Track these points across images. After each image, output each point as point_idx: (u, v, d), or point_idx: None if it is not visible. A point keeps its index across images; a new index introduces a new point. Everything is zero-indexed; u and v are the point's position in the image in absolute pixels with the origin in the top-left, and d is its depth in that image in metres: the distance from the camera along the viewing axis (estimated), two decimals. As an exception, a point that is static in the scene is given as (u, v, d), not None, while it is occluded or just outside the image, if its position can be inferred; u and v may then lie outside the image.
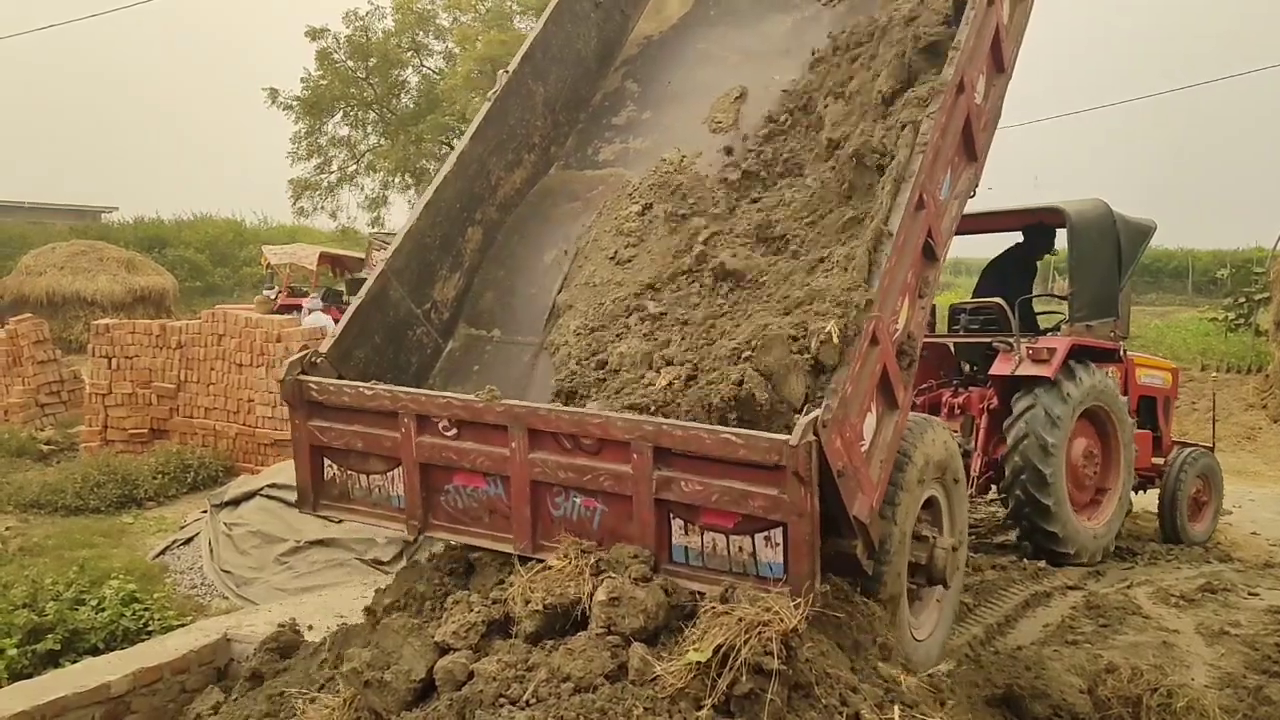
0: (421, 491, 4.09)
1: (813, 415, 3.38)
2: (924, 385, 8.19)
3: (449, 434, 4.03)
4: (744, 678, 2.97)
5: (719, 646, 3.00)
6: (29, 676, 5.00)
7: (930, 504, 4.82)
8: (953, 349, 8.59)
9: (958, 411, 8.04)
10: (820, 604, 3.33)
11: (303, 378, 4.28)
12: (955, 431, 7.47)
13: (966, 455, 7.39)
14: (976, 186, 5.04)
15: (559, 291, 5.15)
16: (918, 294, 4.40)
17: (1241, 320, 20.06)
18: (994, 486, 7.82)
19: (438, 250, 5.11)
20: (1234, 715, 4.66)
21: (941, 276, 4.89)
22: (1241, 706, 4.79)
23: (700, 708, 2.97)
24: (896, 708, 3.24)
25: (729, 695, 2.97)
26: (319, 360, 4.39)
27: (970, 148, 4.93)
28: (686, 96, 5.82)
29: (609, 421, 3.72)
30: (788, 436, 3.33)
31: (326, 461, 4.35)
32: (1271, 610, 6.39)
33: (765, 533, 3.45)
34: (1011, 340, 7.54)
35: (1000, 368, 7.52)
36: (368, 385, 4.24)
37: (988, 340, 7.91)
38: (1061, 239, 8.58)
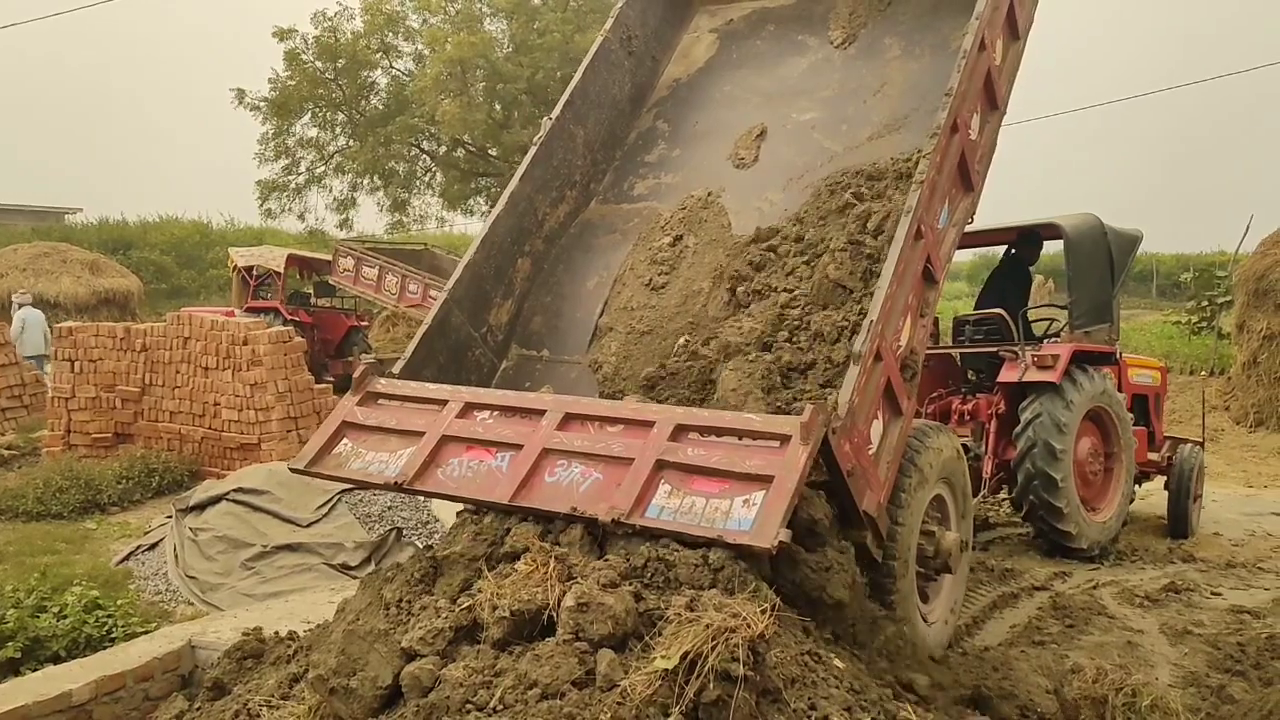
0: (426, 459, 4.28)
1: (820, 403, 3.76)
2: (934, 394, 8.55)
3: (487, 422, 4.37)
4: (711, 685, 2.95)
5: (686, 653, 2.99)
6: (-12, 686, 4.91)
7: (939, 502, 5.25)
8: (958, 359, 8.87)
9: (967, 418, 8.33)
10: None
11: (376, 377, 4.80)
12: (966, 437, 8.02)
13: (977, 459, 7.87)
14: (974, 213, 5.42)
15: (600, 315, 5.75)
16: (919, 314, 4.78)
17: (1204, 324, 20.35)
18: (1005, 488, 8.13)
19: (492, 280, 5.71)
20: (1197, 714, 4.72)
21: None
22: (1205, 705, 4.86)
23: (668, 715, 2.95)
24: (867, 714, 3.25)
25: (697, 702, 2.97)
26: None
27: (967, 179, 5.32)
28: (712, 135, 6.37)
29: (642, 408, 4.16)
30: (800, 416, 3.67)
31: (346, 439, 4.61)
32: (1234, 610, 6.48)
33: (746, 496, 3.60)
34: (1017, 349, 7.92)
35: (1008, 375, 7.89)
36: (433, 385, 4.74)
37: (993, 350, 8.28)
38: (1050, 248, 9.25)
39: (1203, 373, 18.08)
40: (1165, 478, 9.05)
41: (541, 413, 4.24)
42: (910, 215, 4.52)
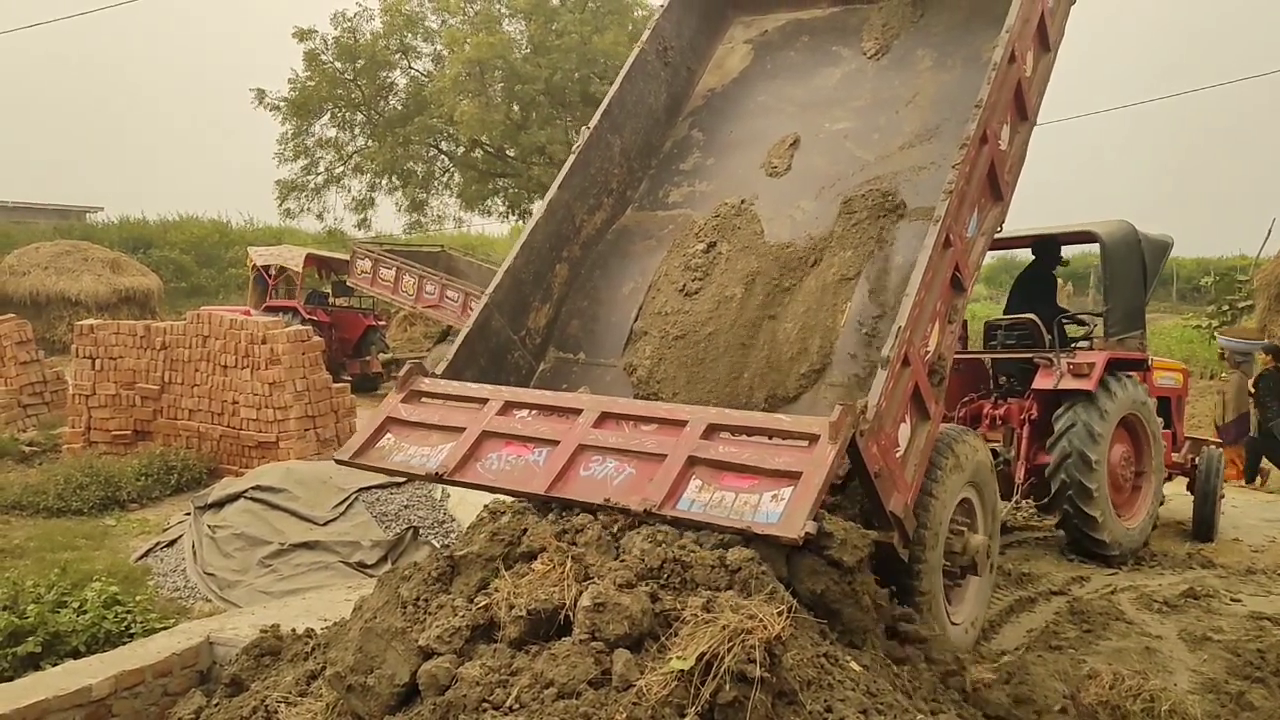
0: (466, 453, 4.43)
1: (849, 403, 3.84)
2: (965, 399, 8.56)
3: (526, 419, 4.52)
4: (727, 686, 2.96)
5: (702, 654, 3.00)
6: (9, 680, 4.95)
7: (967, 506, 5.34)
8: (988, 364, 8.88)
9: (999, 423, 8.34)
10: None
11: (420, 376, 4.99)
12: (996, 441, 8.05)
13: (1008, 464, 7.89)
14: (1003, 222, 5.52)
15: (635, 319, 5.88)
16: (947, 320, 4.87)
17: (1225, 328, 20.18)
18: (1035, 493, 8.09)
19: (531, 285, 5.86)
20: (1216, 721, 4.69)
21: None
22: (1224, 712, 4.82)
23: (684, 715, 2.96)
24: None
25: (713, 703, 2.97)
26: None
27: (996, 189, 5.40)
28: (746, 144, 6.47)
29: (676, 408, 4.32)
30: (830, 416, 3.79)
31: (389, 434, 4.77)
32: (1253, 616, 6.42)
33: (775, 491, 3.71)
34: (1051, 356, 7.90)
35: (1043, 382, 7.85)
36: (474, 384, 4.92)
37: (1026, 355, 8.26)
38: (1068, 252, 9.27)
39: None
40: (1187, 479, 9.02)
41: (578, 411, 4.39)
42: (939, 224, 4.60)
